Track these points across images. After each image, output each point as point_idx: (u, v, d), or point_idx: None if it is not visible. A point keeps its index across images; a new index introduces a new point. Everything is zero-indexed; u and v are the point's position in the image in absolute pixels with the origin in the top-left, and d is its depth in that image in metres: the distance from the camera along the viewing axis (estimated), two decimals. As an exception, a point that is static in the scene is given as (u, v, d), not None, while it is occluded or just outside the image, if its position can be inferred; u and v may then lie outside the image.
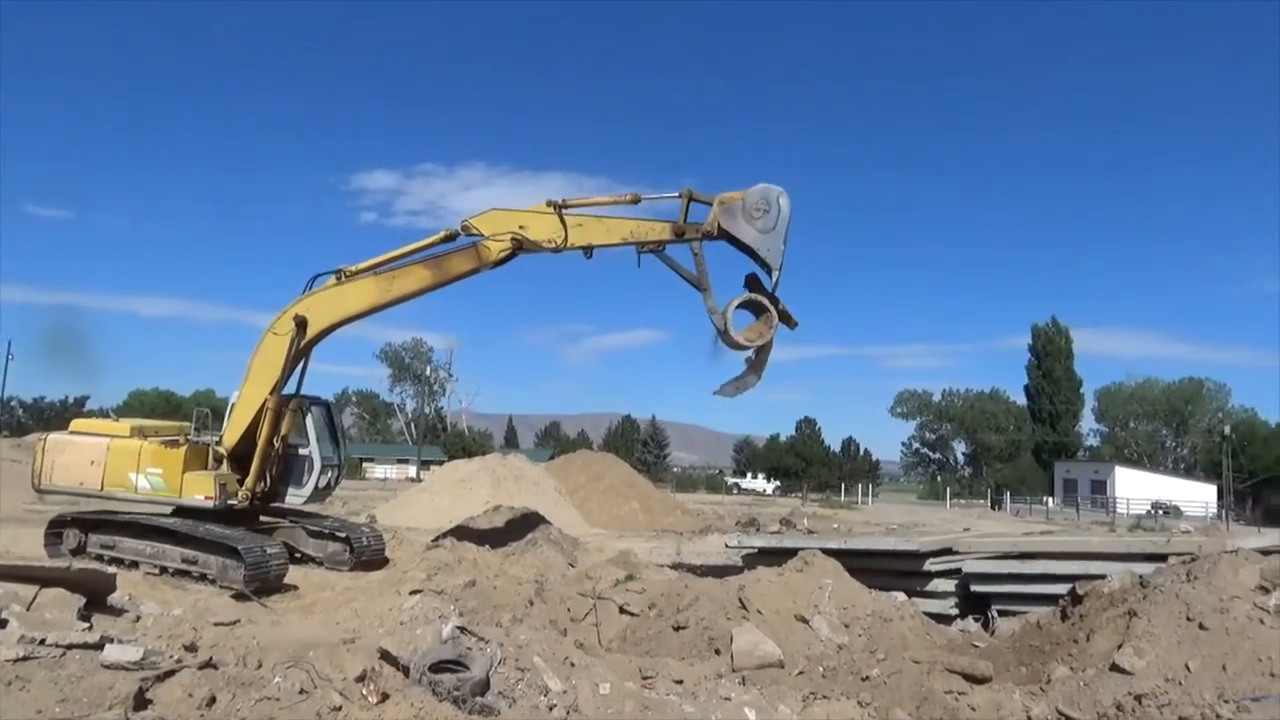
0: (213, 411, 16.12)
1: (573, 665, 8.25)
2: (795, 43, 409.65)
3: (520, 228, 13.96)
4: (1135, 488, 71.33)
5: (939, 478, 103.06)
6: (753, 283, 13.53)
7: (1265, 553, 13.35)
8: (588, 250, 13.89)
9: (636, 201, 13.95)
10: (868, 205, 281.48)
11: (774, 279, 13.13)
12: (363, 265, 14.63)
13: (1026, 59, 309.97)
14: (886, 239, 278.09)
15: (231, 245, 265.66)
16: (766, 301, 13.19)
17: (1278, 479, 77.17)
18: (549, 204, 13.96)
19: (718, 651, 9.79)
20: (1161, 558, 11.93)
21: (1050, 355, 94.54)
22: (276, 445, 14.69)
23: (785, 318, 13.41)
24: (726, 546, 18.53)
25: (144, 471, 14.49)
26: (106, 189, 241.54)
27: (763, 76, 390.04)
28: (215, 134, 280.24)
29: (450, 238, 14.43)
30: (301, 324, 14.36)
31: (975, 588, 13.48)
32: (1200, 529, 26.54)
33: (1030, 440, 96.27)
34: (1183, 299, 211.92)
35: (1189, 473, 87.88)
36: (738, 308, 13.21)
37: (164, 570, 13.81)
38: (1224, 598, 9.14)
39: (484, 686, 7.06)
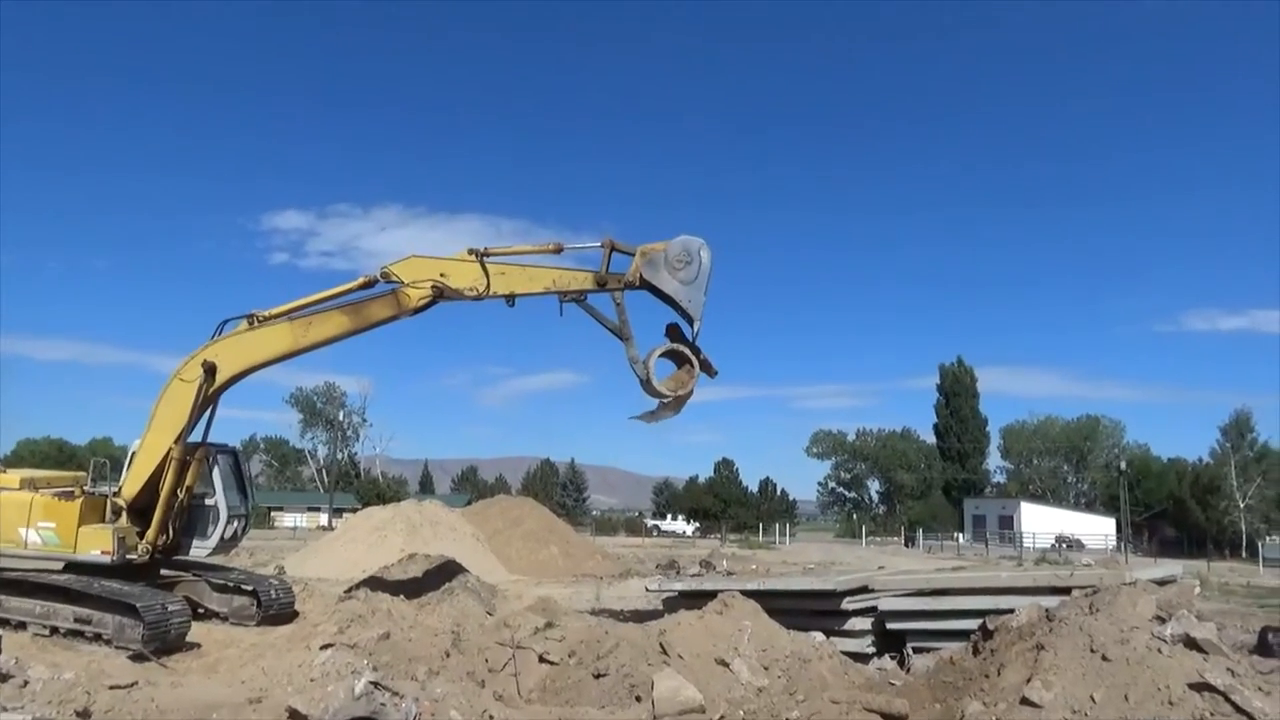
0: (111, 461, 15.41)
1: (491, 718, 8.09)
2: (706, 86, 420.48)
3: (441, 275, 13.87)
4: (1040, 522, 73.90)
5: (854, 516, 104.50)
6: (674, 332, 13.75)
7: (1161, 583, 13.96)
8: (510, 299, 13.90)
9: (559, 251, 14.07)
10: (779, 246, 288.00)
11: (695, 329, 13.39)
12: (277, 310, 14.29)
13: (927, 100, 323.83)
14: (798, 280, 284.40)
15: (132, 286, 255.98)
16: (688, 351, 13.43)
17: (1170, 512, 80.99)
18: (471, 252, 13.93)
19: (639, 698, 9.72)
20: (1066, 590, 12.30)
21: (958, 395, 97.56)
22: (181, 496, 14.12)
23: (706, 367, 13.64)
24: (647, 590, 18.46)
25: (35, 526, 13.73)
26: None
27: (677, 119, 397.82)
28: (115, 169, 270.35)
29: (369, 284, 14.23)
30: (210, 370, 13.90)
31: (891, 625, 13.69)
32: (1101, 561, 27.53)
33: (941, 478, 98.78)
34: (1077, 339, 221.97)
35: (1089, 507, 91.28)
36: (659, 357, 13.41)
37: (55, 631, 13.04)
38: (1124, 629, 9.49)
39: (399, 744, 6.86)
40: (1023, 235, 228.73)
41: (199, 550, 14.68)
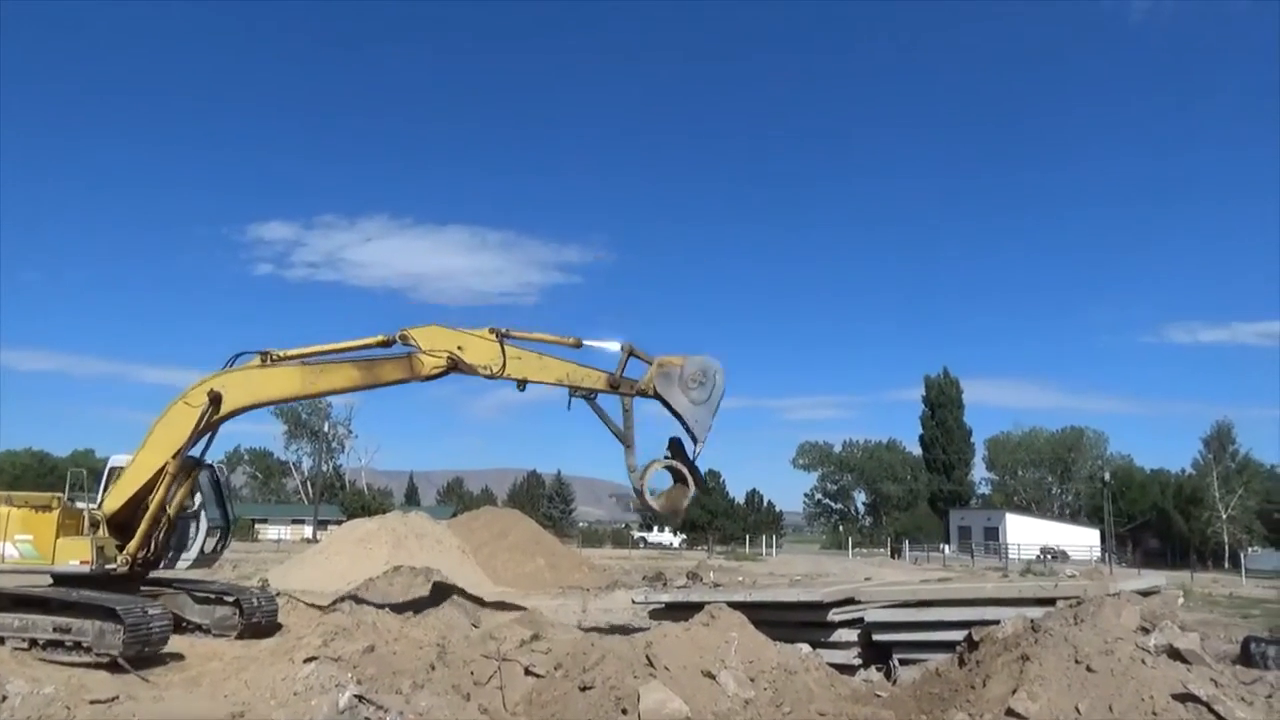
0: (89, 473, 15.31)
1: (476, 731, 8.03)
2: (693, 98, 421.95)
3: (459, 348, 13.95)
4: (1025, 533, 74.25)
5: (841, 528, 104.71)
6: (675, 448, 13.95)
7: (1145, 594, 14.02)
8: (521, 383, 14.03)
9: (578, 346, 14.24)
10: (765, 256, 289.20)
11: (697, 449, 13.68)
12: (291, 352, 14.39)
13: (911, 110, 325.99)
14: (783, 291, 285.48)
15: (116, 297, 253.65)
16: (686, 471, 13.66)
17: (1154, 522, 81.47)
18: (492, 331, 14.07)
19: (625, 711, 9.66)
20: (1051, 601, 12.34)
21: (943, 406, 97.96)
22: (169, 510, 14.09)
23: (699, 485, 13.99)
24: (634, 602, 18.41)
25: (12, 539, 13.64)
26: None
27: (663, 130, 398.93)
28: (99, 179, 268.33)
29: (387, 343, 14.32)
30: (216, 400, 13.93)
31: (877, 637, 13.68)
32: (1085, 572, 27.62)
33: (926, 489, 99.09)
34: (1061, 351, 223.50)
35: (1074, 518, 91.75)
36: (656, 469, 13.66)
37: (34, 643, 12.89)
38: (1109, 639, 9.53)
39: (383, 758, 6.81)
40: (1007, 247, 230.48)
41: (180, 563, 14.76)
